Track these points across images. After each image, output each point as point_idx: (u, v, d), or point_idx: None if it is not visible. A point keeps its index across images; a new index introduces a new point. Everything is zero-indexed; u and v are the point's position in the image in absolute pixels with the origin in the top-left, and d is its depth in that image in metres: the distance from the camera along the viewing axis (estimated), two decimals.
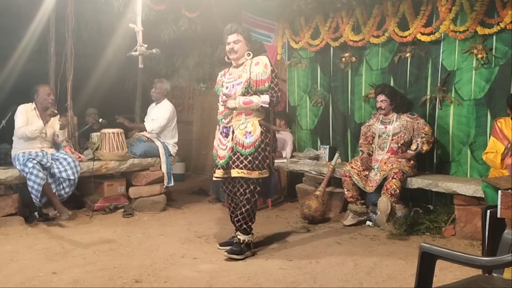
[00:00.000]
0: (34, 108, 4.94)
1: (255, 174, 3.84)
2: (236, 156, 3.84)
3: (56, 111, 4.94)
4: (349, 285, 3.26)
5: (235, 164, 3.84)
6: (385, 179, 4.63)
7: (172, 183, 5.75)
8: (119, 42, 6.17)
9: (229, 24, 4.00)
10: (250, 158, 3.81)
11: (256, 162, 3.82)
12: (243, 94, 3.83)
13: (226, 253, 3.81)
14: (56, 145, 5.17)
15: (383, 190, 4.54)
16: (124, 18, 5.46)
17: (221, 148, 3.96)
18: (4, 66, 6.13)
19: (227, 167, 3.90)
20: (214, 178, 4.10)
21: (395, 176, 4.53)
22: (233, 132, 3.89)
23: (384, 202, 4.39)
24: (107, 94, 7.11)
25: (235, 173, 3.85)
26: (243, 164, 3.81)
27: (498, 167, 4.11)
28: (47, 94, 4.95)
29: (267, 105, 3.82)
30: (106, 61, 6.79)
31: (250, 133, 3.83)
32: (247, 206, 3.86)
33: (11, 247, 4.02)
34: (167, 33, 6.27)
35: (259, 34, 6.38)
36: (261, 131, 3.86)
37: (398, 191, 4.50)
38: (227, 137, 3.93)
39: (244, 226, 3.88)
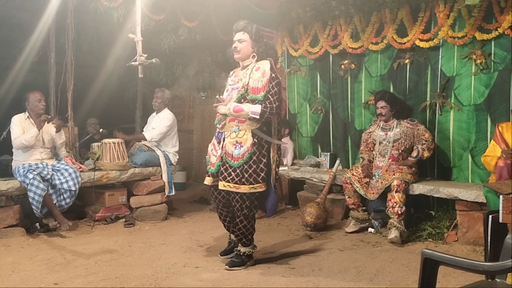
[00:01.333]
0: (28, 116, 4.93)
1: (244, 189, 3.61)
2: (224, 167, 3.65)
3: (49, 116, 4.92)
4: None
5: (222, 176, 3.65)
6: (387, 187, 4.61)
7: (173, 192, 5.75)
8: (119, 52, 6.20)
9: (239, 21, 3.81)
10: (238, 171, 3.59)
11: (246, 175, 3.59)
12: (239, 100, 3.64)
13: (227, 266, 3.73)
14: (57, 155, 5.18)
15: (389, 208, 4.52)
16: (123, 28, 5.48)
17: (214, 154, 3.81)
18: (5, 78, 6.16)
19: (216, 175, 3.76)
20: (204, 184, 3.97)
21: (398, 190, 4.52)
22: (224, 139, 3.72)
23: (397, 238, 4.39)
24: (107, 104, 7.14)
25: (221, 185, 3.65)
26: (231, 177, 3.60)
27: (492, 170, 4.12)
28: (37, 100, 4.92)
29: (257, 116, 3.57)
30: (106, 71, 6.83)
31: (240, 143, 3.60)
32: (245, 222, 3.72)
33: (13, 258, 4.01)
34: (167, 43, 6.30)
35: None
36: (252, 142, 3.60)
37: (403, 208, 4.49)
38: (219, 144, 3.76)
39: (244, 239, 3.80)
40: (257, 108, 3.57)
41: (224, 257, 3.98)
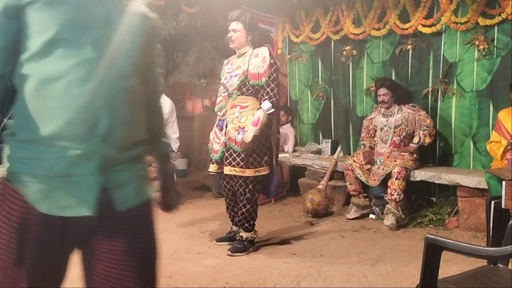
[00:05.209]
0: None
1: (249, 172, 3.69)
2: (229, 153, 3.71)
3: None
4: (353, 278, 3.26)
5: (227, 161, 3.71)
6: (388, 173, 4.62)
7: (174, 179, 5.74)
8: None
9: (233, 11, 3.85)
10: (243, 155, 3.65)
11: (250, 159, 3.67)
12: (239, 87, 3.69)
13: (229, 251, 3.76)
14: None
15: (388, 194, 4.54)
16: None
17: (216, 142, 3.86)
18: None
19: (221, 162, 3.82)
20: (208, 172, 4.05)
21: (398, 177, 4.52)
22: (226, 126, 3.77)
23: (393, 225, 4.41)
24: None
25: (227, 170, 3.72)
26: (236, 161, 3.67)
27: (499, 159, 4.13)
28: None
29: (273, 110, 3.63)
30: None
31: (242, 128, 3.65)
32: (248, 206, 3.77)
33: None
34: (167, 29, 6.25)
35: None
36: None
37: (402, 195, 4.50)
38: (221, 131, 3.82)
39: (246, 224, 3.83)
40: (267, 104, 3.63)
41: (219, 243, 4.01)
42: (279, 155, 5.67)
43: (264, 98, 3.66)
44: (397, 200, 4.47)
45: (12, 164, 1.32)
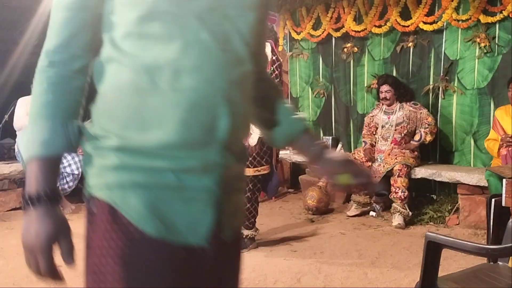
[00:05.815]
0: None
1: (250, 172, 3.68)
2: None
3: None
4: (353, 275, 3.27)
5: None
6: (389, 171, 4.62)
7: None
8: None
9: None
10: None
11: (250, 158, 3.69)
12: None
13: None
14: None
15: (392, 193, 4.53)
16: None
17: None
18: (6, 61, 6.12)
19: None
20: None
21: (400, 174, 4.52)
22: None
23: (402, 225, 4.39)
24: None
25: None
26: None
27: (495, 156, 4.14)
28: None
29: None
30: None
31: None
32: (248, 205, 3.78)
33: (17, 241, 4.03)
34: None
35: None
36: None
37: (406, 192, 4.49)
38: None
39: (247, 222, 3.83)
40: None
41: None
42: (280, 152, 5.70)
43: None
44: (402, 197, 4.47)
45: (102, 173, 0.96)
